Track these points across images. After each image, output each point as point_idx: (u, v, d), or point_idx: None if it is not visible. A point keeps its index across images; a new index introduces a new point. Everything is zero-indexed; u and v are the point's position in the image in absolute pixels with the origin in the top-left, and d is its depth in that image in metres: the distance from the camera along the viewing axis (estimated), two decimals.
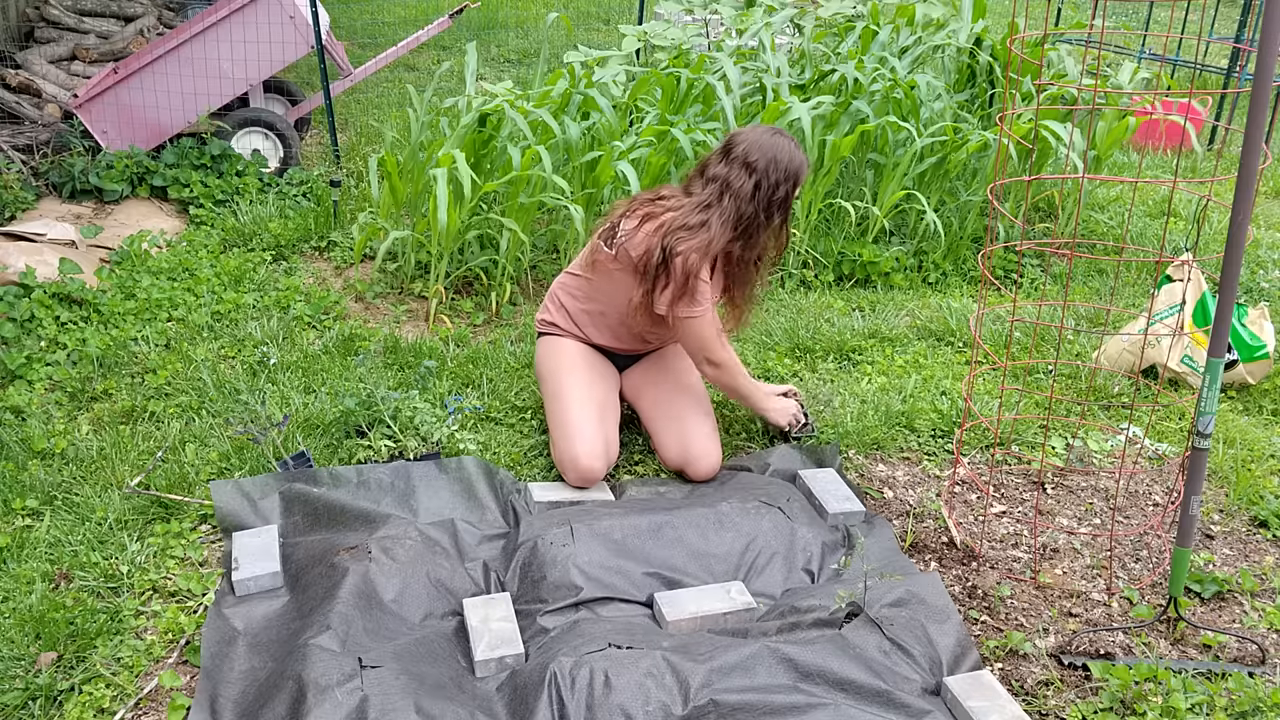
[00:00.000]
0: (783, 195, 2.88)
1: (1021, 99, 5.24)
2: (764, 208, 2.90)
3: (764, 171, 2.84)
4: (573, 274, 3.24)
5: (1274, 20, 2.17)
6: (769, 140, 2.87)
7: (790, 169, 2.87)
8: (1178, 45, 8.41)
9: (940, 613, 2.55)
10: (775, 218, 2.95)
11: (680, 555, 2.75)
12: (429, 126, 4.60)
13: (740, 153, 2.88)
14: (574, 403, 3.07)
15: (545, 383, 3.21)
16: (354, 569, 2.58)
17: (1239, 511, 3.16)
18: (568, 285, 3.24)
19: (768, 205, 2.90)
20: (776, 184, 2.85)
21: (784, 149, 2.87)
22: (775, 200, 2.89)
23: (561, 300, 3.24)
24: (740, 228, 2.91)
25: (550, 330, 3.26)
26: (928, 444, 3.46)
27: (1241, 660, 2.53)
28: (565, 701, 2.19)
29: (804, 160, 2.90)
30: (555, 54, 7.85)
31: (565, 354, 3.18)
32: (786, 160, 2.86)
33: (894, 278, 4.67)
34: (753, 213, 2.89)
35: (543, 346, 3.27)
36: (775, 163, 2.84)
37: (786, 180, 2.87)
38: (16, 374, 3.53)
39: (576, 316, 3.21)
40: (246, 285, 4.32)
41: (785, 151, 2.86)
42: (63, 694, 2.31)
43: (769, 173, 2.84)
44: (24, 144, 5.17)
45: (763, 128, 2.92)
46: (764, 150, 2.85)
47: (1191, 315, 3.83)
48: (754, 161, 2.86)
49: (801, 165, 2.89)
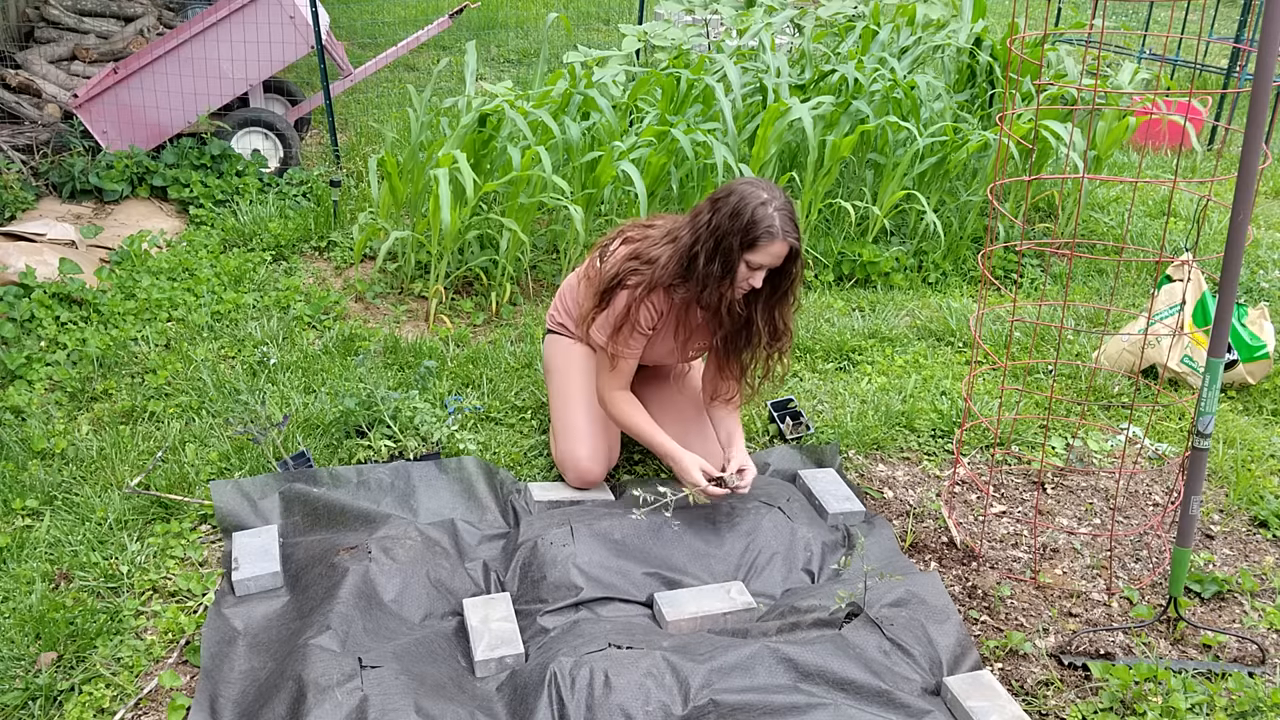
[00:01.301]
0: (728, 246, 2.65)
1: (1021, 99, 5.24)
2: (707, 250, 2.68)
3: (722, 215, 2.66)
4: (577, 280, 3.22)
5: (1274, 20, 2.17)
6: (748, 190, 2.66)
7: (745, 222, 2.62)
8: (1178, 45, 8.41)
9: (940, 613, 2.55)
10: (716, 266, 2.69)
11: (680, 555, 2.75)
12: (429, 126, 4.60)
13: (721, 193, 2.71)
14: (579, 405, 3.07)
15: (552, 382, 3.20)
16: (354, 569, 2.58)
17: (1239, 511, 3.16)
18: (573, 287, 3.21)
19: (712, 250, 2.68)
20: (726, 233, 2.64)
21: (752, 202, 2.63)
22: (722, 247, 2.66)
23: (568, 307, 3.22)
24: (685, 265, 2.75)
25: (560, 331, 3.25)
26: (928, 444, 3.46)
27: (1241, 660, 2.53)
28: (565, 701, 2.19)
29: (769, 226, 2.62)
30: (555, 54, 7.85)
31: (574, 356, 3.17)
32: (749, 214, 2.61)
33: (894, 278, 4.67)
34: (694, 251, 2.71)
35: (552, 345, 3.25)
36: (735, 212, 2.63)
37: (736, 233, 2.63)
38: (16, 374, 3.53)
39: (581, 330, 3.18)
40: (246, 285, 4.32)
41: (751, 206, 2.62)
42: (63, 694, 2.31)
43: (725, 218, 2.65)
44: (24, 144, 5.17)
45: (761, 182, 2.71)
46: (736, 196, 2.66)
47: (1191, 315, 3.83)
48: (719, 203, 2.69)
49: (759, 227, 2.61)
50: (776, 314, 2.87)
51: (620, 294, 2.86)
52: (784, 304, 2.86)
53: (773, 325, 2.88)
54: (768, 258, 2.66)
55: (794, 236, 2.66)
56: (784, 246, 2.66)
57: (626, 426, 2.97)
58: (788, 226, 2.65)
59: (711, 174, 4.48)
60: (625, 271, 2.84)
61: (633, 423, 2.95)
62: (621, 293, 2.85)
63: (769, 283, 2.77)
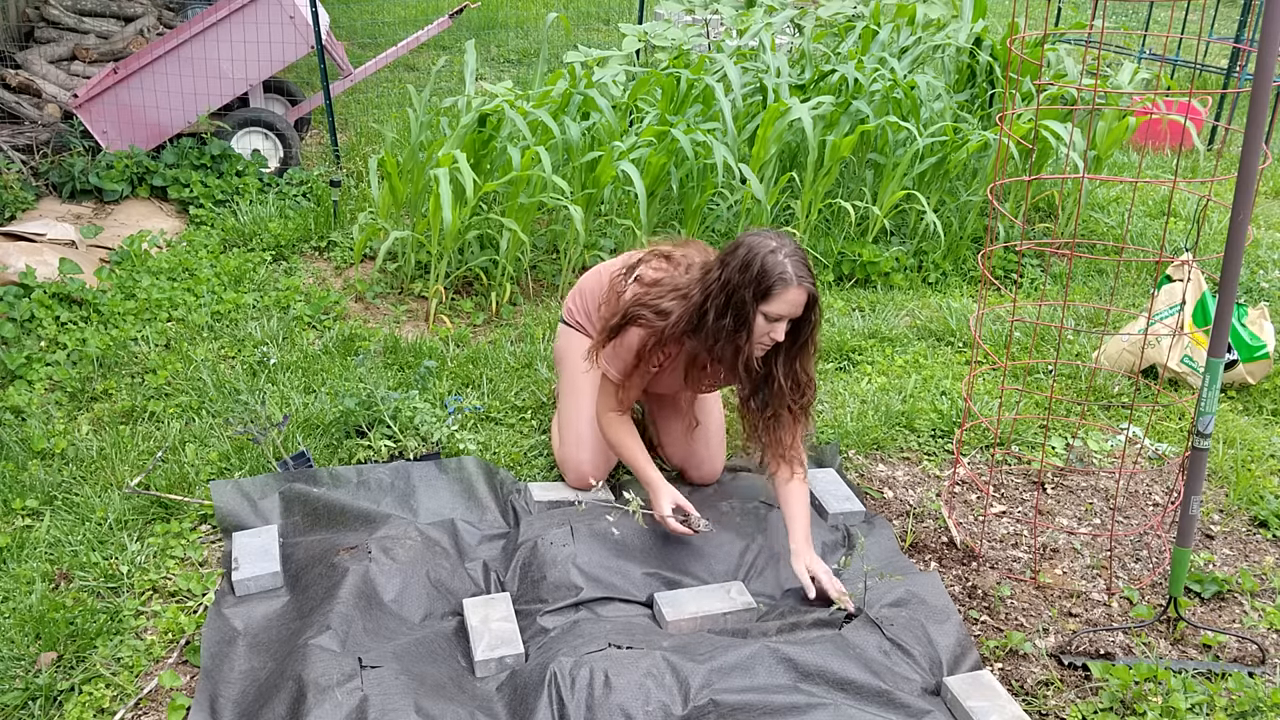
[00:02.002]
0: (740, 299, 2.55)
1: (1021, 99, 5.24)
2: (718, 305, 2.60)
3: (732, 269, 2.56)
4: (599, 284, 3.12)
5: (1274, 20, 2.17)
6: (755, 241, 2.56)
7: (757, 273, 2.52)
8: (1178, 45, 8.41)
9: (940, 613, 2.55)
10: (728, 320, 2.60)
11: (680, 555, 2.75)
12: (429, 126, 4.60)
13: (729, 248, 2.63)
14: (587, 410, 3.04)
15: (563, 377, 3.16)
16: (354, 569, 2.58)
17: (1239, 511, 3.16)
18: (594, 291, 3.12)
19: (723, 305, 2.59)
20: (737, 286, 2.55)
21: (761, 252, 2.53)
22: (734, 301, 2.57)
23: (587, 306, 3.14)
24: (694, 322, 2.68)
25: (576, 327, 3.19)
26: (928, 444, 3.46)
27: (1241, 660, 2.53)
28: (565, 701, 2.19)
29: (782, 273, 2.51)
30: (555, 54, 7.85)
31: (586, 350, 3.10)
32: (759, 264, 2.52)
33: (894, 278, 4.67)
34: (704, 308, 2.63)
35: (567, 339, 3.18)
36: (745, 264, 2.54)
37: (747, 285, 2.53)
38: (16, 374, 3.53)
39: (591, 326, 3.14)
40: (246, 285, 4.32)
41: (761, 255, 2.52)
42: (63, 694, 2.31)
43: (736, 271, 2.56)
44: (24, 144, 5.17)
45: (769, 232, 2.61)
46: (744, 248, 2.57)
47: (1191, 315, 3.83)
48: (728, 257, 2.60)
49: (771, 275, 2.51)
50: (798, 365, 2.73)
51: (630, 330, 2.77)
52: (804, 354, 2.72)
53: (794, 378, 2.73)
54: (785, 307, 2.54)
55: (809, 281, 2.54)
56: (801, 293, 2.54)
57: (616, 449, 2.93)
58: (801, 272, 2.53)
59: (711, 174, 4.48)
60: (634, 316, 2.76)
61: (624, 448, 2.89)
62: (632, 329, 2.76)
63: (788, 334, 2.64)
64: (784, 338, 2.62)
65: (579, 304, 3.17)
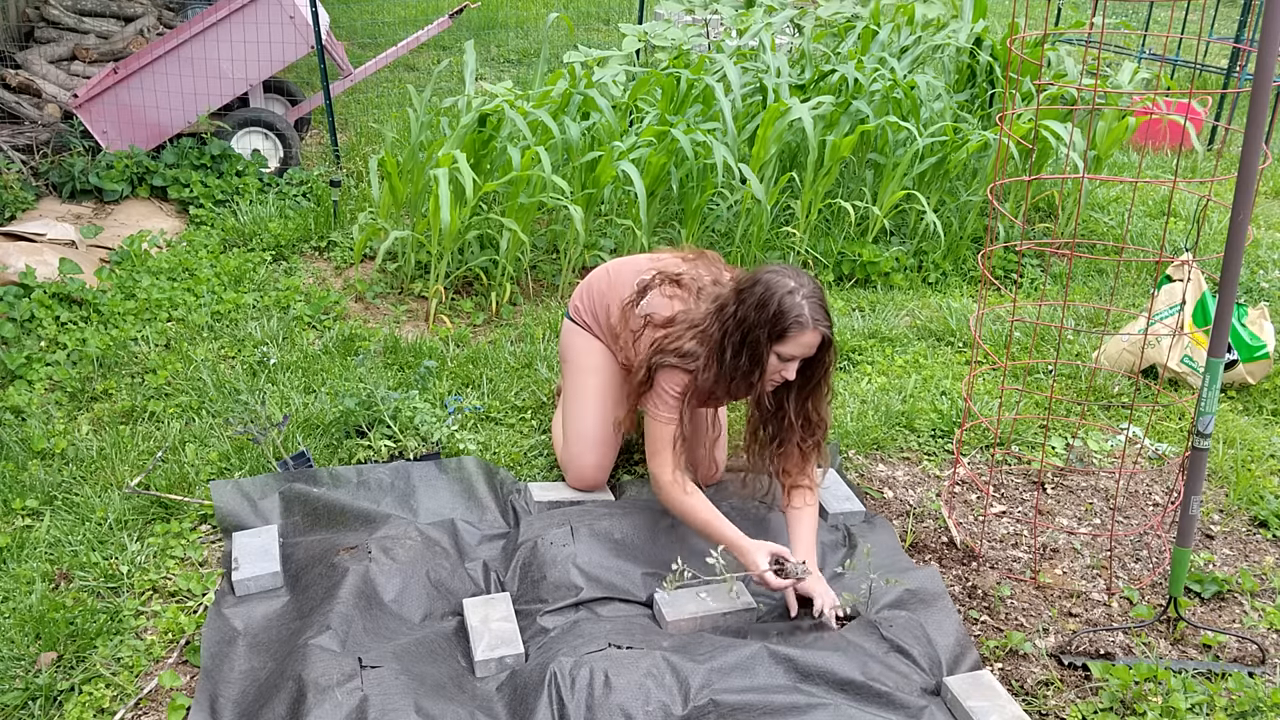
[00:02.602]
0: (755, 339, 2.53)
1: (1021, 99, 5.24)
2: (734, 344, 2.58)
3: (748, 307, 2.54)
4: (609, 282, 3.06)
5: (1274, 20, 2.17)
6: (774, 279, 2.53)
7: (773, 313, 2.49)
8: (1178, 45, 8.41)
9: (940, 613, 2.55)
10: (744, 360, 2.58)
11: (680, 555, 2.75)
12: (428, 126, 4.60)
13: (746, 283, 2.59)
14: (592, 412, 3.02)
15: (569, 376, 3.12)
16: (354, 569, 2.58)
17: (1239, 511, 3.16)
18: (603, 290, 3.06)
19: (739, 343, 2.57)
20: (753, 325, 2.53)
21: (779, 291, 2.50)
22: (749, 340, 2.55)
23: (594, 307, 3.08)
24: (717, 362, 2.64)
25: (583, 325, 3.11)
26: (928, 444, 3.46)
27: (1241, 660, 2.53)
28: (565, 701, 2.19)
29: (798, 316, 2.48)
30: (555, 54, 7.85)
31: (593, 357, 3.07)
32: (775, 304, 2.49)
33: (894, 278, 4.67)
34: (723, 346, 2.61)
35: (572, 336, 3.12)
36: (761, 303, 2.51)
37: (763, 325, 2.51)
38: (16, 374, 3.53)
39: (606, 333, 3.08)
40: (246, 285, 4.32)
41: (778, 296, 2.49)
42: (63, 694, 2.31)
43: (752, 309, 2.53)
44: (24, 144, 5.17)
45: (788, 269, 2.57)
46: (761, 286, 2.54)
47: (1191, 315, 3.83)
48: (744, 293, 2.57)
49: (787, 317, 2.48)
50: (810, 405, 2.72)
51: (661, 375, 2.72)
52: (817, 394, 2.71)
53: (805, 417, 2.72)
54: (799, 348, 2.52)
55: (825, 325, 2.52)
56: (815, 336, 2.51)
57: (688, 519, 2.70)
58: (818, 315, 2.51)
59: (711, 174, 4.48)
60: (659, 365, 2.71)
61: (695, 515, 2.68)
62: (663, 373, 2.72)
63: (801, 373, 2.63)
64: (795, 376, 2.60)
65: (586, 303, 3.11)
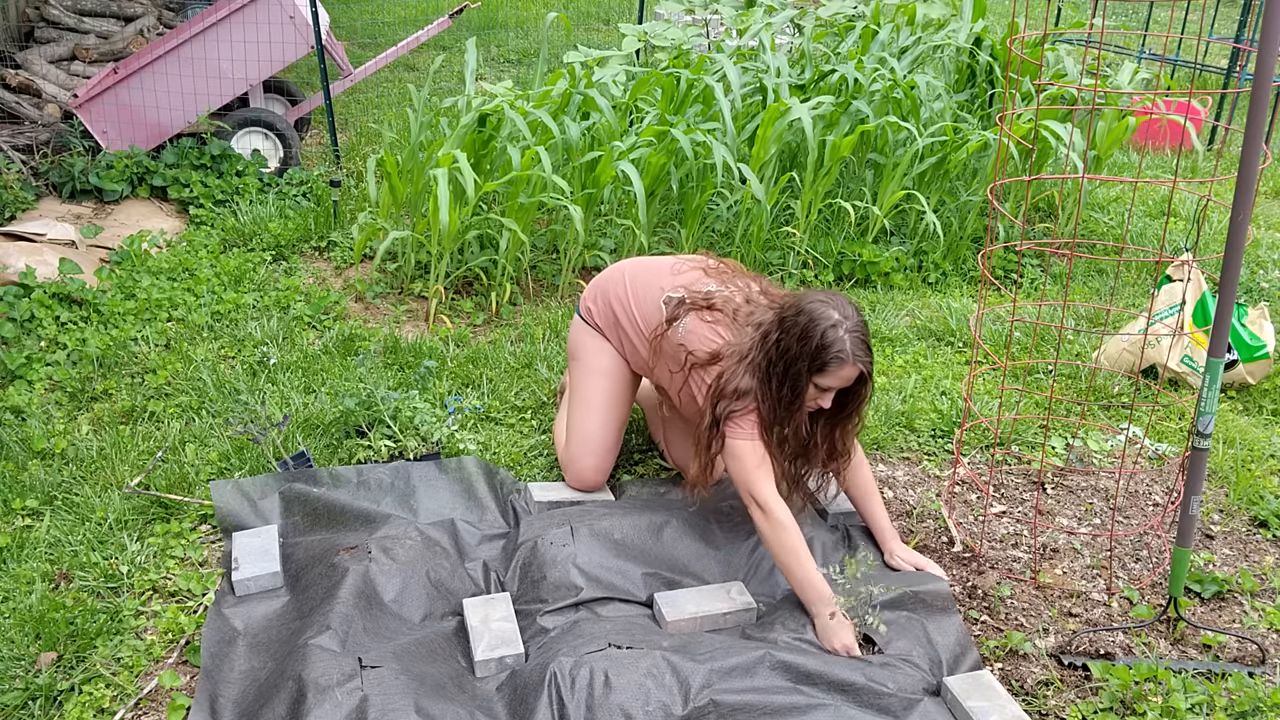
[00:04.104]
0: (797, 371, 2.52)
1: (1021, 99, 5.24)
2: (778, 375, 2.56)
3: (791, 337, 2.53)
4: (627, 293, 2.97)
5: (1274, 20, 2.17)
6: (818, 310, 2.51)
7: (815, 346, 2.48)
8: (1178, 45, 8.41)
9: (940, 613, 2.55)
10: (786, 390, 2.57)
11: (680, 555, 2.75)
12: (428, 126, 4.60)
13: (790, 309, 2.57)
14: (596, 415, 3.00)
15: (575, 376, 3.08)
16: (354, 569, 2.58)
17: (1239, 511, 3.16)
18: (620, 298, 2.98)
19: (782, 374, 2.55)
20: (795, 356, 2.52)
21: (822, 324, 2.48)
22: (791, 372, 2.54)
23: (610, 311, 3.00)
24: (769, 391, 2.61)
25: (595, 328, 3.06)
26: (928, 444, 3.46)
27: (1241, 660, 2.53)
28: (565, 701, 2.19)
29: (839, 351, 2.47)
30: (555, 54, 7.85)
31: (603, 359, 3.03)
32: (818, 338, 2.48)
33: (894, 278, 4.67)
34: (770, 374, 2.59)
35: (583, 334, 3.07)
36: (805, 334, 2.50)
37: (804, 357, 2.50)
38: (16, 374, 3.53)
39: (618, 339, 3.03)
40: (246, 285, 4.31)
41: (822, 329, 2.48)
42: (63, 694, 2.31)
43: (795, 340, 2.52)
44: (24, 144, 5.17)
45: (833, 298, 2.55)
46: (805, 316, 2.52)
47: (1191, 315, 3.83)
48: (787, 321, 2.55)
49: (829, 351, 2.47)
50: (837, 433, 2.71)
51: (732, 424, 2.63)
52: (846, 425, 2.70)
53: (831, 444, 2.72)
54: (837, 381, 2.53)
55: (865, 361, 2.51)
56: (854, 371, 2.52)
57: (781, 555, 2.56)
58: (859, 351, 2.50)
59: (711, 174, 4.48)
60: (724, 415, 2.62)
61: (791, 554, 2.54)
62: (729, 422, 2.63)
63: (835, 401, 2.63)
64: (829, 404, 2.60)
65: (600, 306, 3.03)
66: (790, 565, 2.54)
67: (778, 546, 2.55)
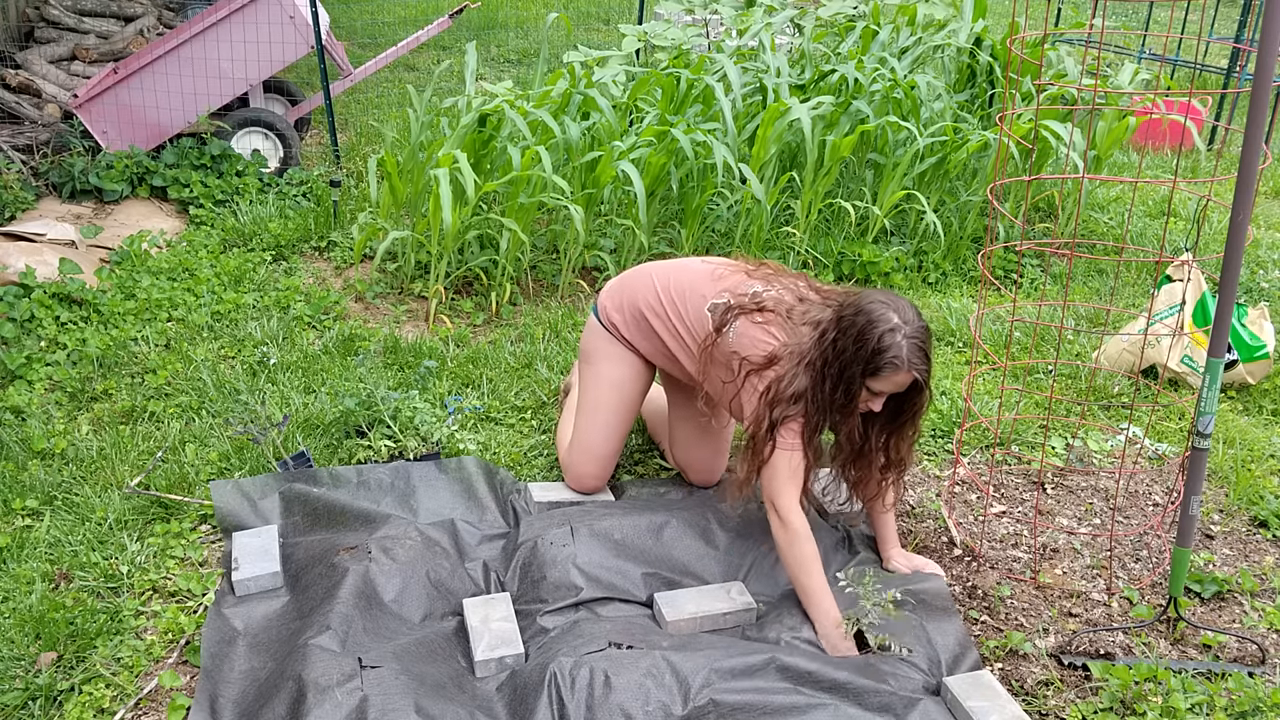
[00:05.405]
0: (851, 375, 2.46)
1: (1021, 99, 5.24)
2: (832, 376, 2.49)
3: (848, 339, 2.46)
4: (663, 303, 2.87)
5: (1274, 20, 2.17)
6: (877, 312, 2.44)
7: (871, 350, 2.41)
8: (1178, 45, 8.41)
9: (941, 613, 2.55)
10: (839, 394, 2.50)
11: (680, 555, 2.75)
12: (429, 127, 4.60)
13: (848, 309, 2.50)
14: (605, 427, 2.98)
15: (588, 382, 3.03)
16: (354, 569, 2.58)
17: (1239, 511, 3.16)
18: (653, 307, 2.89)
19: (836, 376, 2.49)
20: (850, 360, 2.45)
21: (881, 328, 2.41)
22: (845, 375, 2.47)
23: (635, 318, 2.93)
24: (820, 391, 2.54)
25: (610, 329, 2.98)
26: (927, 444, 3.46)
27: (1241, 660, 2.53)
28: (565, 701, 2.19)
29: (894, 356, 2.40)
30: (555, 54, 7.85)
31: (620, 368, 2.98)
32: (875, 341, 2.41)
33: (894, 278, 4.67)
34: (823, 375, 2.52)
35: (598, 338, 3.00)
36: (861, 337, 2.43)
37: (859, 361, 2.43)
38: (16, 374, 3.53)
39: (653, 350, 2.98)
40: (246, 285, 4.32)
41: (879, 332, 2.41)
42: (63, 694, 2.31)
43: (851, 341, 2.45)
44: (24, 144, 5.17)
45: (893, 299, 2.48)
46: (863, 317, 2.45)
47: (1191, 315, 3.83)
48: (844, 320, 2.49)
49: (884, 357, 2.41)
50: (892, 442, 2.65)
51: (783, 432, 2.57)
52: (901, 433, 2.63)
53: (887, 453, 2.66)
54: (890, 386, 2.47)
55: (922, 368, 2.44)
56: (908, 378, 2.45)
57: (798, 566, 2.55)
58: (916, 358, 2.42)
59: (711, 173, 4.48)
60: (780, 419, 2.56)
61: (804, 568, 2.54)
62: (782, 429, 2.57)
63: (888, 407, 2.57)
64: (881, 410, 2.56)
65: (627, 314, 2.94)
66: (802, 580, 2.54)
67: (792, 559, 2.55)
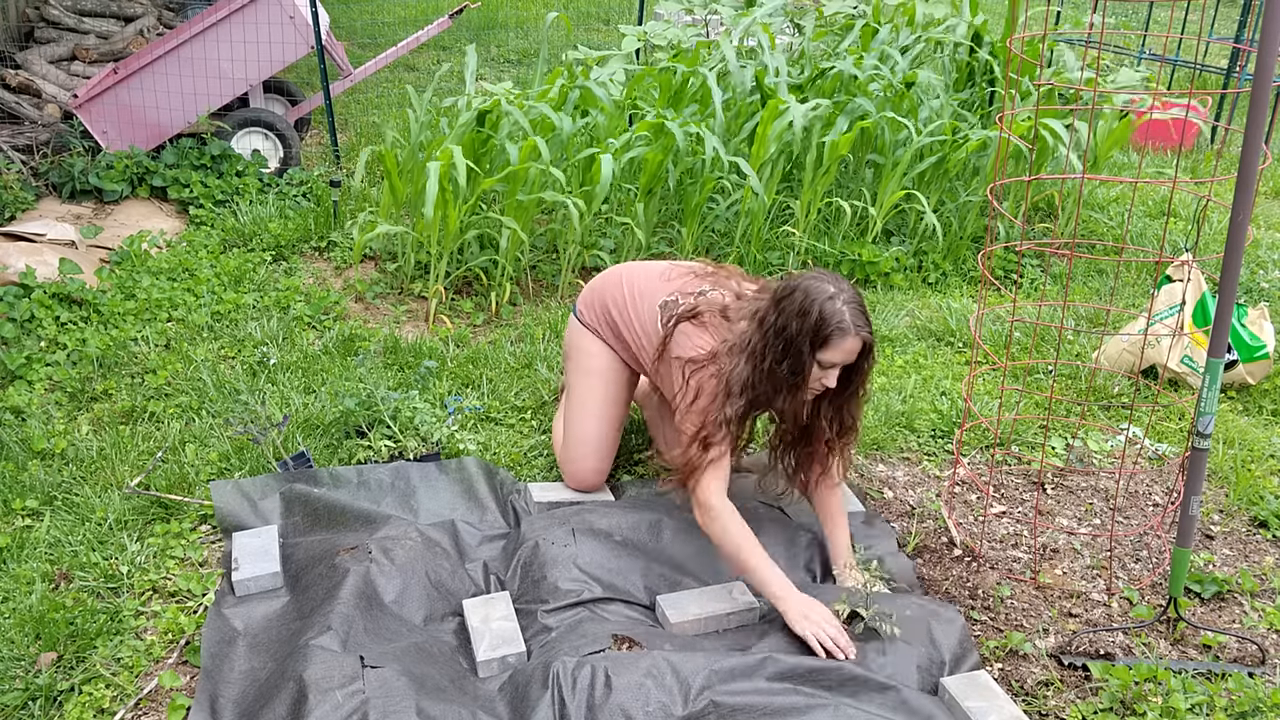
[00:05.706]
0: (798, 348, 2.48)
1: (1021, 98, 5.24)
2: (776, 353, 2.52)
3: (788, 315, 2.49)
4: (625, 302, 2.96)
5: (1274, 20, 2.17)
6: (813, 285, 2.48)
7: (814, 320, 2.44)
8: (1178, 45, 8.41)
9: (941, 613, 2.55)
10: (785, 369, 2.52)
11: (681, 554, 2.75)
12: (429, 127, 4.60)
13: (784, 291, 2.53)
14: (596, 419, 3.00)
15: (573, 378, 3.08)
16: (354, 569, 2.58)
17: (1239, 511, 3.16)
18: (619, 305, 2.97)
19: (780, 353, 2.51)
20: (794, 334, 2.47)
21: (819, 298, 2.45)
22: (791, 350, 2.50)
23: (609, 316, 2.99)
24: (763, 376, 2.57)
25: (591, 328, 3.05)
26: (928, 444, 3.46)
27: (1241, 660, 2.53)
28: (566, 702, 2.19)
29: (839, 322, 2.44)
30: (555, 54, 7.85)
31: (602, 362, 3.03)
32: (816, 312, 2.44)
33: (894, 278, 4.67)
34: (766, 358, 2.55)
35: (580, 337, 3.06)
36: (802, 310, 2.46)
37: (805, 333, 2.46)
38: (16, 374, 3.53)
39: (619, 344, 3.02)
40: (246, 285, 4.32)
41: (819, 302, 2.44)
42: (63, 694, 2.31)
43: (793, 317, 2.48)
44: (24, 144, 5.17)
45: (826, 274, 2.52)
46: (800, 293, 2.48)
47: (1191, 315, 3.83)
48: (783, 302, 2.51)
49: (829, 324, 2.44)
50: (845, 411, 2.69)
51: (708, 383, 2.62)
52: (853, 400, 2.67)
53: (839, 422, 2.70)
54: (840, 355, 2.48)
55: (866, 330, 2.48)
56: (857, 342, 2.48)
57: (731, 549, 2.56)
58: (859, 320, 2.47)
59: (712, 168, 4.48)
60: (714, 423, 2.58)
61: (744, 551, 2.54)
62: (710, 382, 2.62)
63: (839, 379, 2.59)
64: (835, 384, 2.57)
65: (598, 310, 3.03)
66: (741, 559, 2.53)
67: (726, 542, 2.55)
